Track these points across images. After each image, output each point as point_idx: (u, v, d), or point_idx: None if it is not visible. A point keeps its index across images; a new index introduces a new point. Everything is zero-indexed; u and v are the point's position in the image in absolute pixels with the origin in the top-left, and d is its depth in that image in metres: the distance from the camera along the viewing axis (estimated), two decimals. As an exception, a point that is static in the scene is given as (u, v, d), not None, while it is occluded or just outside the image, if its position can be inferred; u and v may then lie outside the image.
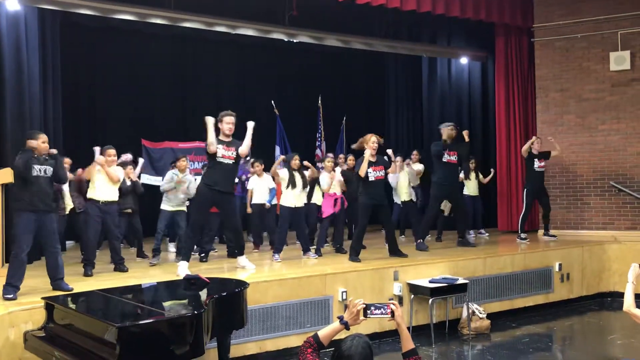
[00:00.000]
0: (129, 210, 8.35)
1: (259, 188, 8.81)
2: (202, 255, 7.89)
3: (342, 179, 8.57)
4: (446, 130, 8.71)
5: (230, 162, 6.86)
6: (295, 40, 10.02)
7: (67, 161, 7.82)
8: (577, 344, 7.29)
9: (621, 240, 9.11)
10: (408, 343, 2.91)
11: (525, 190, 9.56)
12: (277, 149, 12.13)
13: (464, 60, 11.65)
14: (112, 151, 7.06)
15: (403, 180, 9.66)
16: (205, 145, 6.94)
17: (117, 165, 7.43)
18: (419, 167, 10.20)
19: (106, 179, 6.92)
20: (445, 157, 8.59)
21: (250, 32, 9.47)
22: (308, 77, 13.01)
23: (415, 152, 10.53)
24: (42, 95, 8.28)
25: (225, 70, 12.51)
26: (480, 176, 10.45)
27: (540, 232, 9.94)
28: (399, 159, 9.44)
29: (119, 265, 7.04)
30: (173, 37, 11.04)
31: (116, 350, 3.76)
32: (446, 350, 6.68)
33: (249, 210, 8.91)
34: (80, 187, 8.22)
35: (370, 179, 7.54)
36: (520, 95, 10.66)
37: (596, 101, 9.75)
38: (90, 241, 6.92)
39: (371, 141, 7.59)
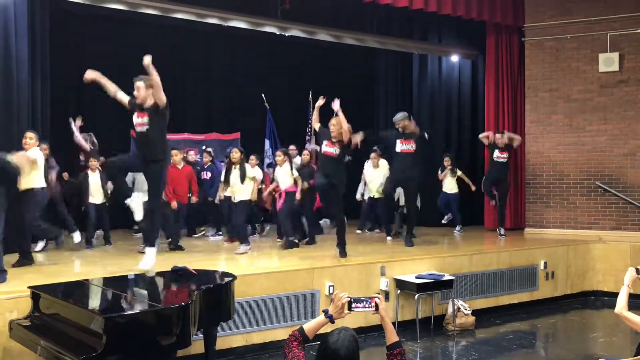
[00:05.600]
0: None
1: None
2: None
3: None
4: (399, 123, 8.48)
5: (143, 129, 6.40)
6: (286, 34, 9.99)
7: (44, 147, 7.76)
8: (560, 342, 7.37)
9: (606, 240, 9.21)
10: (392, 336, 2.94)
11: (483, 177, 10.09)
12: (267, 143, 12.13)
13: (454, 58, 11.68)
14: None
15: (377, 176, 9.65)
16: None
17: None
18: (382, 163, 10.11)
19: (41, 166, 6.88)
20: (399, 147, 8.44)
21: (241, 25, 9.42)
22: (299, 71, 12.97)
23: (375, 148, 10.31)
24: (30, 82, 8.21)
25: (216, 62, 12.44)
26: (459, 172, 10.43)
27: (526, 229, 10.11)
28: (374, 154, 9.65)
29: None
30: (164, 28, 10.95)
31: (102, 340, 3.77)
32: (431, 346, 6.74)
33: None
34: None
35: (321, 151, 7.60)
36: (509, 94, 10.71)
37: (584, 102, 9.82)
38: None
39: (330, 124, 7.71)
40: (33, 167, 6.70)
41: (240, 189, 7.85)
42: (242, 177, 7.80)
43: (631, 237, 9.18)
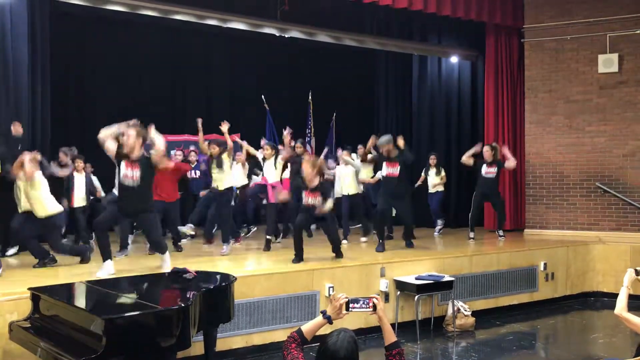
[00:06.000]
0: None
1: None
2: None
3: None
4: (383, 147, 8.28)
5: (134, 184, 6.10)
6: (286, 35, 10.00)
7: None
8: (560, 343, 7.38)
9: (605, 240, 9.21)
10: (390, 336, 2.95)
11: (474, 192, 9.65)
12: (267, 144, 12.13)
13: (454, 59, 11.69)
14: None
15: (346, 173, 9.42)
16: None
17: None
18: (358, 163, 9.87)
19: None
20: (385, 170, 8.31)
21: (241, 26, 9.43)
22: (299, 72, 12.99)
23: (360, 147, 10.11)
24: (30, 85, 8.22)
25: (215, 63, 12.46)
26: (443, 173, 10.37)
27: (527, 231, 10.10)
28: (344, 152, 9.42)
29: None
30: (164, 29, 10.97)
31: (102, 342, 3.77)
32: (431, 347, 6.74)
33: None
34: None
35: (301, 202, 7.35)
36: (509, 95, 10.72)
37: (584, 103, 9.82)
38: None
39: (303, 164, 7.36)
40: (33, 185, 6.70)
41: (219, 177, 7.75)
42: (219, 165, 7.72)
43: (631, 238, 9.18)
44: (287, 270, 6.60)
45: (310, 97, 12.48)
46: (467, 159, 9.48)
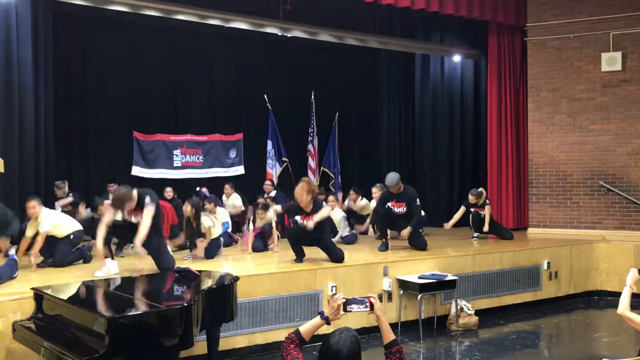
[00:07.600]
0: None
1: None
2: None
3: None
4: (393, 188, 8.14)
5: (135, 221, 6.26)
6: (288, 35, 9.99)
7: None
8: (563, 342, 7.36)
9: (609, 239, 9.19)
10: (389, 334, 2.95)
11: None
12: (269, 144, 12.15)
13: (456, 58, 11.67)
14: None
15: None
16: None
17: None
18: (362, 203, 9.99)
19: None
20: (392, 209, 8.19)
21: (243, 26, 9.42)
22: (301, 72, 12.97)
23: (352, 192, 10.04)
24: (34, 85, 8.23)
25: (218, 63, 12.44)
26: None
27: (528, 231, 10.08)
28: (330, 197, 9.39)
29: None
30: (166, 29, 10.97)
31: (105, 341, 3.78)
32: (434, 346, 6.74)
33: None
34: None
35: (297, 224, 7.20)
36: (512, 93, 10.69)
37: (587, 101, 9.80)
38: None
39: (295, 192, 7.13)
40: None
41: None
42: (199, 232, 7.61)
43: (635, 236, 9.16)
44: (290, 270, 6.61)
45: (312, 97, 12.48)
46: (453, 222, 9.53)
